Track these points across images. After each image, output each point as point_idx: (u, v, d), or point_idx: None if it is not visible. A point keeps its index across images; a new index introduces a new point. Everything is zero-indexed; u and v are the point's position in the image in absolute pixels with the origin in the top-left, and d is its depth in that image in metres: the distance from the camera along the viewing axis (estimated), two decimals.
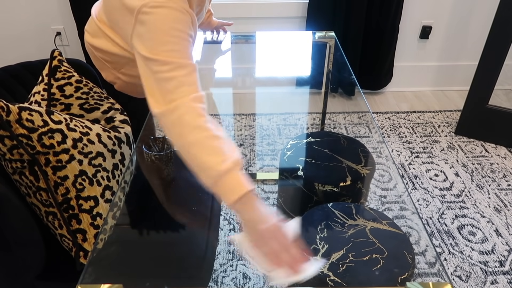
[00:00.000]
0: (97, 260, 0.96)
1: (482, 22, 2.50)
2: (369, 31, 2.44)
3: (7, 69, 1.27)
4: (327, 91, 1.87)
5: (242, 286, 1.48)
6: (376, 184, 1.95)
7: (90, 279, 0.84)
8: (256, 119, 2.46)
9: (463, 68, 2.69)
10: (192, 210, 1.25)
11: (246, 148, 2.20)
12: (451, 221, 1.76)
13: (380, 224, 1.14)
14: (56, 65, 1.16)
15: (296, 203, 1.44)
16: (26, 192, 1.04)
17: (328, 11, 2.37)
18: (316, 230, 1.13)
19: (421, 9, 2.46)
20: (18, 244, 0.97)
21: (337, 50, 1.72)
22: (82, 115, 1.20)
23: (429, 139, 2.29)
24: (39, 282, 1.07)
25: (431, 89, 2.78)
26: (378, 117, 2.48)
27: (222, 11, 2.41)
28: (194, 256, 1.11)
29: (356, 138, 1.51)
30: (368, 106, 2.59)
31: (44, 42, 2.46)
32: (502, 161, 2.10)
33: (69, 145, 1.03)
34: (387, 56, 2.52)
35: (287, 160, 1.42)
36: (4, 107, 0.94)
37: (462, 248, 1.64)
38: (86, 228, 1.06)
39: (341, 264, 1.03)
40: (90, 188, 1.06)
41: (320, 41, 1.75)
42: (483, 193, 1.91)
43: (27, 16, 2.37)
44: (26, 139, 0.97)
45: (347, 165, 1.37)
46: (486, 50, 2.04)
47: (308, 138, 1.51)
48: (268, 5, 2.40)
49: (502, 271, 1.55)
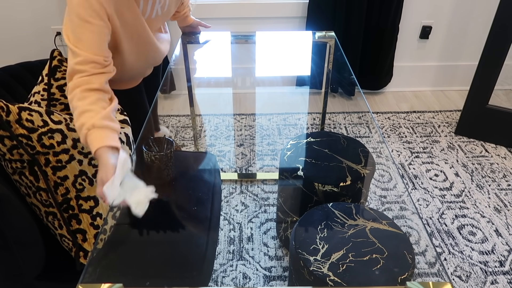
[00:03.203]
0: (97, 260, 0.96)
1: (482, 22, 2.50)
2: (369, 31, 2.44)
3: (7, 69, 1.27)
4: (327, 91, 1.87)
5: (242, 286, 1.48)
6: (376, 184, 1.95)
7: (90, 279, 0.84)
8: (256, 119, 2.46)
9: (463, 68, 2.69)
10: (192, 210, 1.25)
11: (246, 148, 2.20)
12: (451, 221, 1.76)
13: (380, 224, 1.14)
14: (56, 65, 1.16)
15: (296, 203, 1.44)
16: (26, 192, 1.04)
17: (328, 11, 2.37)
18: (316, 230, 1.13)
19: (421, 9, 2.46)
20: (18, 244, 0.97)
21: (337, 50, 1.72)
22: None
23: (429, 139, 2.29)
24: (39, 282, 1.07)
25: (431, 89, 2.78)
26: (378, 117, 2.48)
27: (222, 11, 2.41)
28: (194, 256, 1.11)
29: (356, 138, 1.51)
30: (368, 106, 2.59)
31: (44, 42, 2.46)
32: (502, 161, 2.10)
33: (69, 145, 1.03)
34: (387, 56, 2.52)
35: (287, 160, 1.42)
36: (4, 107, 0.94)
37: (462, 248, 1.64)
38: (86, 228, 1.06)
39: (341, 264, 1.03)
40: (90, 188, 1.06)
41: (320, 41, 1.75)
42: (483, 193, 1.91)
43: (27, 16, 2.37)
44: (26, 139, 0.97)
45: (347, 165, 1.37)
46: (486, 50, 2.04)
47: (308, 138, 1.51)
48: (268, 5, 2.40)
49: (502, 271, 1.55)
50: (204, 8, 2.39)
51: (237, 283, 1.49)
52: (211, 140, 2.27)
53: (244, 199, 1.86)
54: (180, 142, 2.26)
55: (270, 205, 1.83)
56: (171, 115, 2.51)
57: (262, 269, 1.54)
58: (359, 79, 2.62)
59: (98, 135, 0.93)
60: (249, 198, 1.86)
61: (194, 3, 1.65)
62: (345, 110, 2.57)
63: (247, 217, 1.76)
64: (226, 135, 2.31)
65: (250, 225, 1.72)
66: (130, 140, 1.26)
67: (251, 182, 1.96)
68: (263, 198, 1.86)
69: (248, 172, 2.02)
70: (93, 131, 0.93)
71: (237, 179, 1.98)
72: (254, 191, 1.90)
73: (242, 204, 1.83)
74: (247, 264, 1.56)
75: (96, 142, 0.92)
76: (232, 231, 1.70)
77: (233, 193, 1.90)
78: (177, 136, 2.31)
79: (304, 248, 1.08)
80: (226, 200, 1.85)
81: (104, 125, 0.95)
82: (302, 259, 1.05)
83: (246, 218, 1.76)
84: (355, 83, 2.60)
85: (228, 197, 1.87)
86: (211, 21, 1.79)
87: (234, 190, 1.91)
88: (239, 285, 1.48)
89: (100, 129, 0.94)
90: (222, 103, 2.64)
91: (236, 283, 1.49)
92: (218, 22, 2.44)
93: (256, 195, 1.88)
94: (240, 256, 1.59)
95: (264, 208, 1.81)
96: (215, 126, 2.39)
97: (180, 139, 2.28)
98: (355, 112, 2.55)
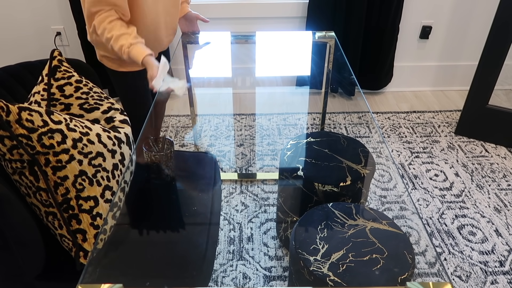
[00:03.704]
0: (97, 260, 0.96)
1: (482, 22, 2.50)
2: (369, 31, 2.44)
3: (7, 69, 1.27)
4: (327, 91, 1.87)
5: (242, 286, 1.48)
6: (376, 184, 1.95)
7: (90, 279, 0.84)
8: (256, 119, 2.46)
9: (463, 68, 2.69)
10: (192, 210, 1.25)
11: (246, 148, 2.20)
12: (451, 221, 1.76)
13: (380, 224, 1.14)
14: (56, 65, 1.16)
15: (296, 203, 1.44)
16: (26, 192, 1.04)
17: (328, 11, 2.37)
18: (316, 230, 1.13)
19: (421, 9, 2.46)
20: (18, 244, 0.97)
21: (337, 50, 1.72)
22: (82, 115, 1.20)
23: (429, 139, 2.29)
24: (39, 282, 1.07)
25: (431, 89, 2.78)
26: (378, 117, 2.48)
27: (222, 11, 2.41)
28: (194, 256, 1.11)
29: (356, 138, 1.51)
30: (368, 106, 2.59)
31: (44, 42, 2.46)
32: (502, 161, 2.10)
33: (69, 145, 1.03)
34: (387, 56, 2.52)
35: (287, 160, 1.42)
36: (4, 107, 0.94)
37: (462, 248, 1.64)
38: (86, 228, 1.06)
39: (341, 264, 1.03)
40: (90, 188, 1.06)
41: (320, 41, 1.75)
42: (483, 193, 1.91)
43: (27, 16, 2.37)
44: (26, 139, 0.97)
45: (347, 165, 1.37)
46: (486, 50, 2.04)
47: (308, 138, 1.51)
48: (268, 5, 2.40)
49: (502, 271, 1.55)
50: (204, 8, 2.39)
51: (237, 283, 1.49)
52: (211, 140, 2.27)
53: (244, 199, 1.86)
54: (180, 142, 2.26)
55: (270, 205, 1.83)
56: (171, 115, 2.51)
57: (262, 269, 1.54)
58: (359, 79, 2.62)
59: (138, 49, 1.27)
60: (249, 198, 1.86)
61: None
62: (345, 110, 2.57)
63: (247, 217, 1.76)
64: (226, 135, 2.31)
65: (250, 225, 1.72)
66: (130, 140, 1.26)
67: (251, 182, 1.96)
68: (263, 198, 1.86)
69: (248, 172, 2.02)
70: (132, 47, 1.26)
71: (237, 179, 1.98)
72: (254, 191, 1.90)
73: (242, 204, 1.83)
74: (247, 264, 1.56)
75: (139, 54, 1.26)
76: (232, 231, 1.70)
77: (233, 193, 1.90)
78: (177, 136, 2.31)
79: (304, 248, 1.08)
80: (226, 200, 1.85)
81: (138, 41, 1.28)
82: (302, 259, 1.05)
83: (246, 218, 1.76)
84: (355, 83, 2.60)
85: (228, 197, 1.87)
86: (211, 21, 1.79)
87: (234, 190, 1.91)
88: (239, 285, 1.48)
89: (136, 45, 1.27)
90: (222, 103, 2.64)
91: (236, 283, 1.49)
92: (218, 22, 2.44)
93: (256, 195, 1.88)
94: (240, 256, 1.59)
95: (264, 208, 1.81)
96: (215, 126, 2.39)
97: (180, 139, 2.28)
98: (355, 112, 2.55)
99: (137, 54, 1.25)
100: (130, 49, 1.25)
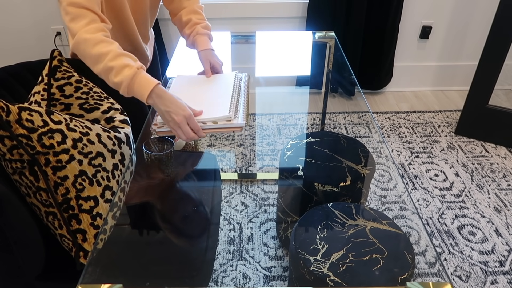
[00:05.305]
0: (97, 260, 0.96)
1: (482, 22, 2.50)
2: (369, 31, 2.44)
3: (7, 69, 1.27)
4: (327, 91, 1.88)
5: (242, 286, 1.48)
6: (376, 184, 1.95)
7: (90, 279, 0.84)
8: (256, 119, 2.46)
9: (463, 68, 2.69)
10: (192, 210, 1.25)
11: (246, 148, 2.20)
12: (451, 221, 1.76)
13: (380, 224, 1.14)
14: (56, 65, 1.16)
15: (296, 203, 1.44)
16: (26, 192, 1.04)
17: (328, 11, 2.37)
18: (316, 230, 1.13)
19: (421, 9, 2.46)
20: (18, 244, 0.97)
21: (337, 50, 1.72)
22: (82, 115, 1.20)
23: (429, 139, 2.29)
24: (39, 282, 1.07)
25: (431, 89, 2.78)
26: (378, 117, 2.48)
27: (222, 11, 2.41)
28: (194, 256, 1.11)
29: (356, 138, 1.52)
30: (368, 106, 2.59)
31: (44, 42, 2.46)
32: (502, 161, 2.10)
33: (69, 145, 1.03)
34: (387, 56, 2.52)
35: (287, 160, 1.42)
36: (4, 107, 0.94)
37: (462, 248, 1.64)
38: (86, 228, 1.06)
39: (341, 264, 1.03)
40: (90, 188, 1.06)
41: (320, 41, 1.75)
42: (483, 193, 1.91)
43: (27, 16, 2.37)
44: (26, 139, 0.97)
45: (347, 165, 1.37)
46: (486, 50, 2.04)
47: (308, 138, 1.51)
48: (268, 5, 2.40)
49: (502, 271, 1.55)
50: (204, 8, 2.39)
51: (237, 283, 1.49)
52: (211, 140, 2.27)
53: (244, 199, 1.86)
54: (180, 142, 2.26)
55: (270, 205, 1.83)
56: None
57: (262, 269, 1.54)
58: (359, 79, 2.62)
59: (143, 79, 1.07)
60: (249, 198, 1.86)
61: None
62: (345, 110, 2.57)
63: (247, 217, 1.76)
64: (226, 135, 2.31)
65: (250, 225, 1.72)
66: (130, 140, 1.26)
67: (251, 182, 1.96)
68: (263, 198, 1.86)
69: (248, 172, 2.02)
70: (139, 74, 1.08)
71: (237, 179, 1.98)
72: (254, 191, 1.90)
73: (242, 204, 1.83)
74: (247, 264, 1.56)
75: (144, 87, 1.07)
76: (232, 231, 1.70)
77: (233, 193, 1.90)
78: None
79: (304, 248, 1.08)
80: (226, 200, 1.85)
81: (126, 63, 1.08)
82: (302, 259, 1.05)
83: (246, 218, 1.76)
84: (355, 83, 2.60)
85: (228, 197, 1.87)
86: (211, 21, 1.79)
87: (234, 190, 1.91)
88: (239, 285, 1.48)
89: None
90: None
91: (236, 283, 1.49)
92: (218, 22, 2.45)
93: (256, 195, 1.88)
94: (240, 256, 1.59)
95: (264, 208, 1.81)
96: None
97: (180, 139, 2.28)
98: (355, 112, 2.55)
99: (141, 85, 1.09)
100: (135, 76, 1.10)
